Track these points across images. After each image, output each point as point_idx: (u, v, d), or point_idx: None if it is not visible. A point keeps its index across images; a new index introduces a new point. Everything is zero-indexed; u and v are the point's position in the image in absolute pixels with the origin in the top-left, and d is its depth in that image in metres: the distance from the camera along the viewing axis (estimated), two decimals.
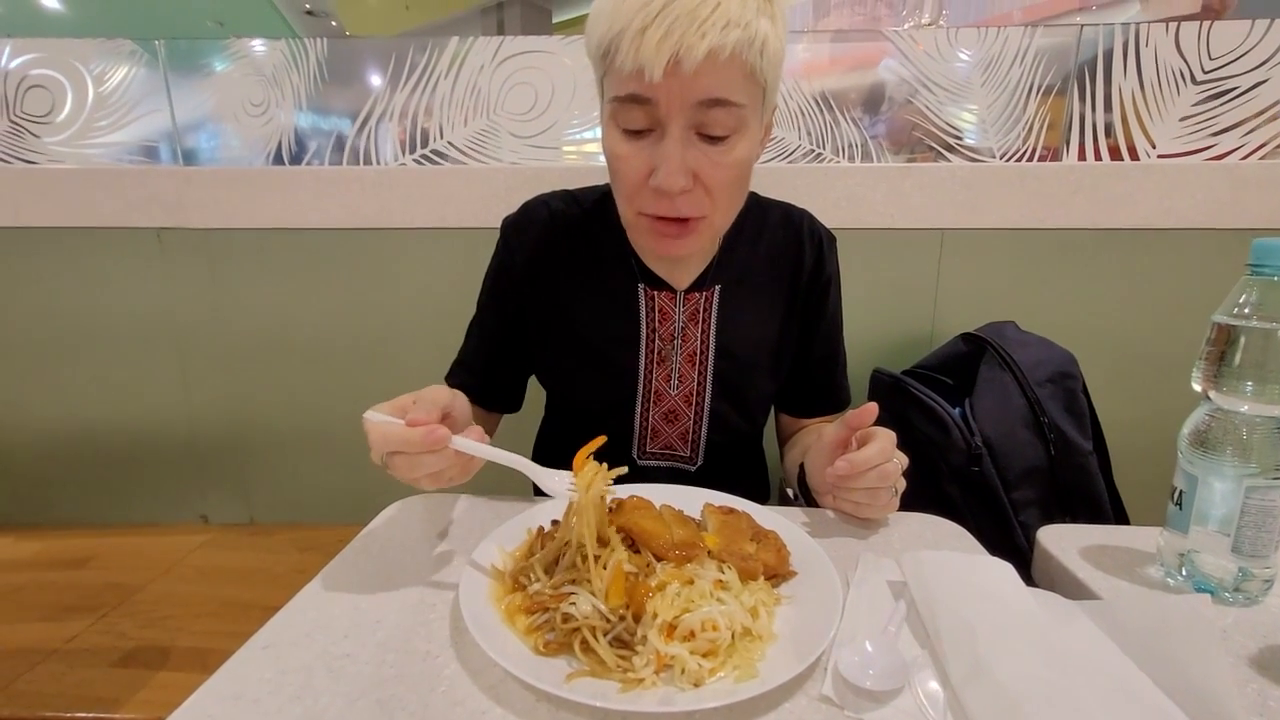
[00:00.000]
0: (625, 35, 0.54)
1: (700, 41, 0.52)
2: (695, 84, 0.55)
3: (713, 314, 0.77)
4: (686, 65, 0.53)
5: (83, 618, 0.99)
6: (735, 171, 0.62)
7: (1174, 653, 0.43)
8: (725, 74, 0.56)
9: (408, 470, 0.52)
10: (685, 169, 0.59)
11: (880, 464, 0.60)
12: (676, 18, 0.52)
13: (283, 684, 0.41)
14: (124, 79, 1.27)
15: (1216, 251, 1.20)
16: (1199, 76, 1.20)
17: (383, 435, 0.51)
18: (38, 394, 1.33)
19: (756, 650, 0.44)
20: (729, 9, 0.53)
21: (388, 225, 1.25)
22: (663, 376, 0.78)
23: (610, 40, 0.56)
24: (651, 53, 0.53)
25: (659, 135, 0.59)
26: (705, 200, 0.62)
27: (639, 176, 0.61)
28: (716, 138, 0.59)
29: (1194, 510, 0.53)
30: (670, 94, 0.56)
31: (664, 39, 0.52)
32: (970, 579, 0.50)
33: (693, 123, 0.58)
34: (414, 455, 0.51)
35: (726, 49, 0.54)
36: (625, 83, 0.57)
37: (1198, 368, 0.52)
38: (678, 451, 0.81)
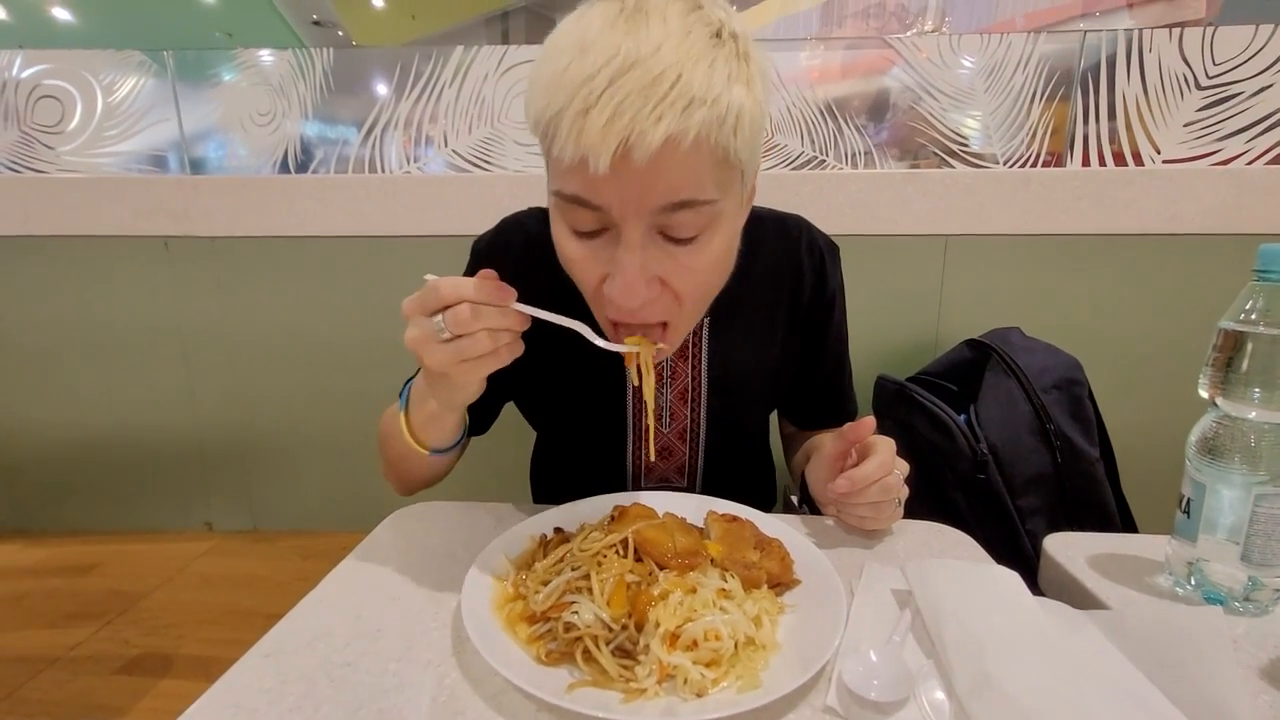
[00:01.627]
0: (564, 117, 0.43)
1: (655, 126, 0.42)
2: (652, 182, 0.45)
3: (703, 348, 0.71)
4: (639, 156, 0.42)
5: (87, 625, 0.99)
6: (709, 273, 0.53)
7: (1184, 663, 0.43)
8: (689, 166, 0.45)
9: (468, 321, 0.46)
10: (646, 279, 0.49)
11: (881, 478, 0.58)
12: (626, 96, 0.42)
13: (284, 693, 0.41)
14: (133, 89, 1.28)
15: (1223, 257, 1.19)
16: (1203, 82, 1.20)
17: (455, 283, 0.46)
18: (44, 401, 1.34)
19: (760, 660, 0.43)
20: (692, 82, 0.42)
21: (393, 233, 1.25)
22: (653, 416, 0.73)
23: (547, 121, 0.45)
24: (595, 140, 0.42)
25: (614, 236, 0.49)
26: (674, 306, 0.53)
27: (593, 281, 0.52)
28: (684, 240, 0.49)
29: (1202, 518, 0.52)
30: (623, 196, 0.45)
31: (610, 122, 0.41)
32: (976, 588, 0.50)
33: (653, 225, 0.48)
34: (477, 307, 0.46)
35: (689, 134, 0.43)
36: (568, 178, 0.47)
37: (1204, 374, 0.52)
38: (675, 483, 0.78)
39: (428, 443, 0.61)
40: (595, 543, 0.51)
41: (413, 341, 0.48)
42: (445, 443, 0.63)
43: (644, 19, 0.44)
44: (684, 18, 0.45)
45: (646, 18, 0.44)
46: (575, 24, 0.46)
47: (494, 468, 1.07)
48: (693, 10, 0.46)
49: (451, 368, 0.48)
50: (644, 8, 0.45)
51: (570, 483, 0.69)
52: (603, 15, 0.45)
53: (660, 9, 0.45)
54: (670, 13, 0.45)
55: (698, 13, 0.46)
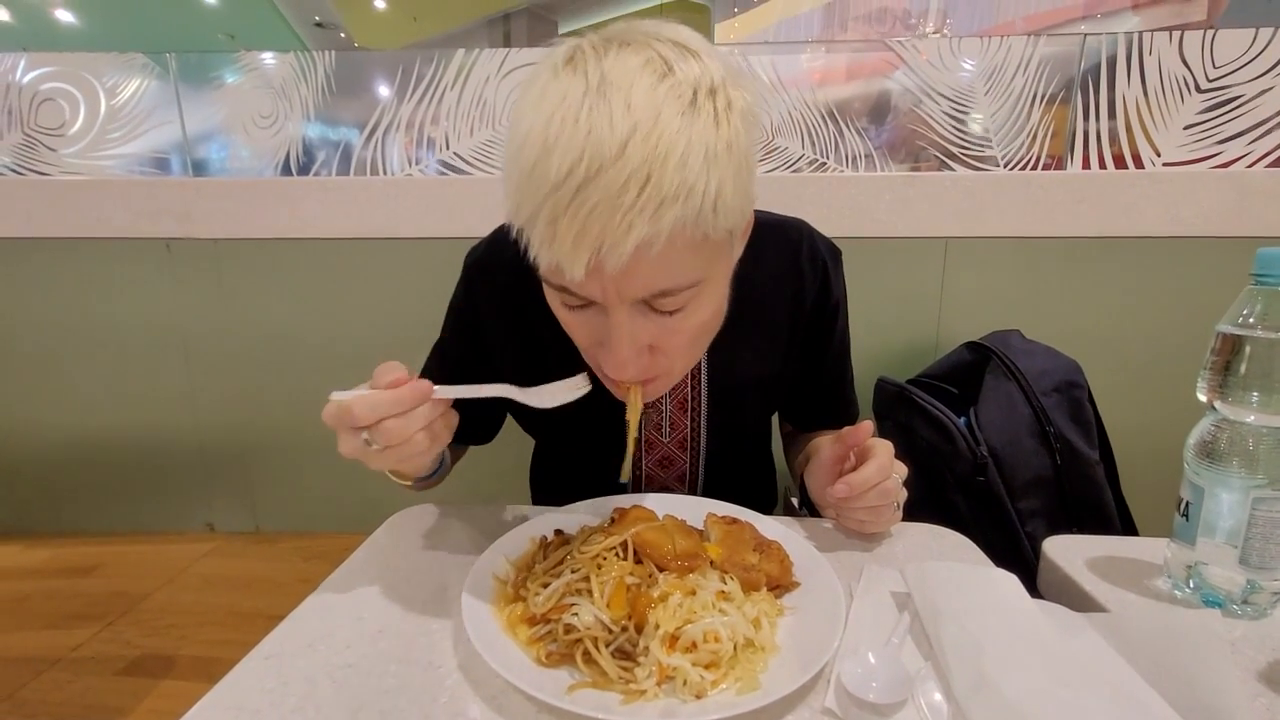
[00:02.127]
0: (535, 224, 0.42)
1: (626, 236, 0.40)
2: (628, 281, 0.44)
3: (703, 358, 0.70)
4: (612, 264, 0.41)
5: (89, 626, 0.99)
6: (698, 331, 0.53)
7: (1182, 667, 0.43)
8: (666, 261, 0.44)
9: (402, 429, 0.47)
10: (638, 349, 0.50)
11: (879, 482, 0.58)
12: (594, 207, 0.40)
13: (285, 695, 0.42)
14: (136, 92, 1.28)
15: (1223, 260, 1.19)
16: (1203, 85, 1.20)
17: (369, 404, 0.47)
18: (46, 402, 1.35)
19: (759, 662, 0.43)
20: (663, 182, 0.40)
21: (395, 235, 1.26)
22: (653, 426, 0.73)
23: (521, 223, 0.44)
24: (567, 253, 0.41)
25: (601, 309, 0.49)
26: (665, 362, 0.53)
27: (589, 342, 0.53)
28: (671, 311, 0.49)
29: (1201, 522, 0.52)
30: (604, 291, 0.46)
31: (580, 235, 0.40)
32: (975, 591, 0.50)
33: (639, 303, 0.48)
34: (407, 414, 0.47)
35: (661, 236, 0.41)
36: (549, 273, 0.47)
37: (1202, 378, 0.52)
38: (675, 491, 0.77)
39: (407, 476, 0.62)
40: (595, 545, 0.51)
41: (350, 453, 0.49)
42: (423, 474, 0.64)
43: (607, 106, 0.40)
44: (652, 93, 0.41)
45: (609, 104, 0.40)
46: (539, 106, 0.43)
47: (494, 470, 1.08)
48: (663, 79, 0.42)
49: (396, 465, 0.51)
50: (607, 88, 0.41)
51: (569, 488, 0.69)
52: (565, 99, 0.42)
53: (625, 86, 0.41)
54: (637, 91, 0.41)
55: (668, 80, 0.42)
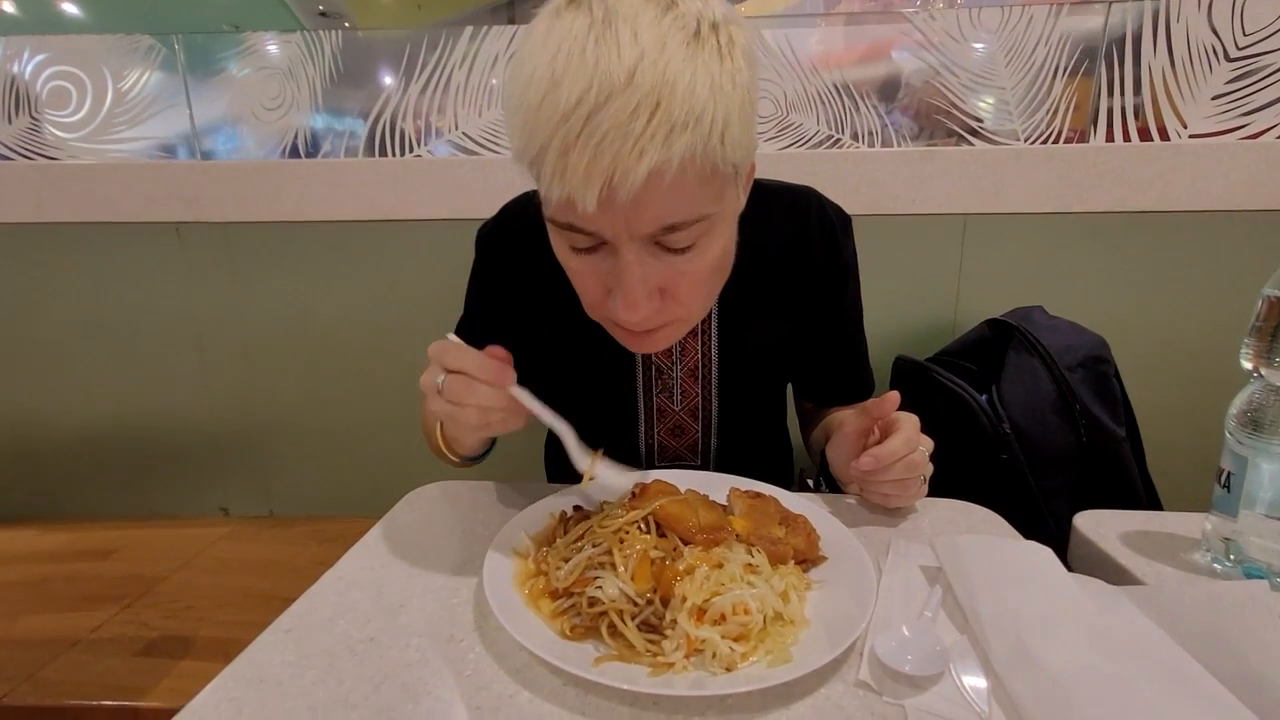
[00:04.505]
0: (546, 157, 0.42)
1: (638, 162, 0.40)
2: (640, 212, 0.45)
3: (713, 323, 0.70)
4: (623, 193, 0.41)
5: (107, 608, 0.99)
6: (709, 274, 0.53)
7: (1227, 638, 0.42)
8: (676, 191, 0.44)
9: (462, 394, 0.49)
10: (648, 291, 0.49)
11: (905, 455, 0.57)
12: (605, 134, 0.40)
13: (306, 667, 0.41)
14: (142, 75, 1.27)
15: (1250, 233, 1.16)
16: (1232, 53, 1.16)
17: (457, 352, 0.50)
18: (60, 389, 1.35)
19: (789, 635, 0.42)
20: (673, 107, 0.40)
21: (404, 217, 1.24)
22: (663, 393, 0.73)
23: (530, 158, 0.44)
24: (579, 182, 0.41)
25: (610, 250, 0.49)
26: (676, 308, 0.53)
27: (597, 293, 0.53)
28: (682, 250, 0.49)
29: (1243, 493, 0.50)
30: (614, 225, 0.46)
31: (592, 164, 0.41)
32: (1010, 563, 0.49)
33: (649, 240, 0.48)
34: (473, 382, 0.50)
35: (673, 163, 0.41)
36: (558, 209, 0.47)
37: (1247, 345, 0.50)
38: (687, 461, 0.77)
39: (459, 451, 0.65)
40: (617, 519, 0.50)
41: (423, 384, 0.53)
42: (470, 453, 0.66)
43: (614, 36, 0.41)
44: (657, 25, 0.42)
45: (616, 34, 0.41)
46: (544, 43, 0.43)
47: (508, 450, 1.07)
48: (666, 12, 0.42)
49: (445, 420, 0.53)
50: (613, 19, 0.42)
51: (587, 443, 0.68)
52: (571, 33, 0.42)
53: (630, 18, 0.42)
54: (642, 22, 0.41)
55: (672, 13, 0.42)
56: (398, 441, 1.33)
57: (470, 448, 0.65)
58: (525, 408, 0.53)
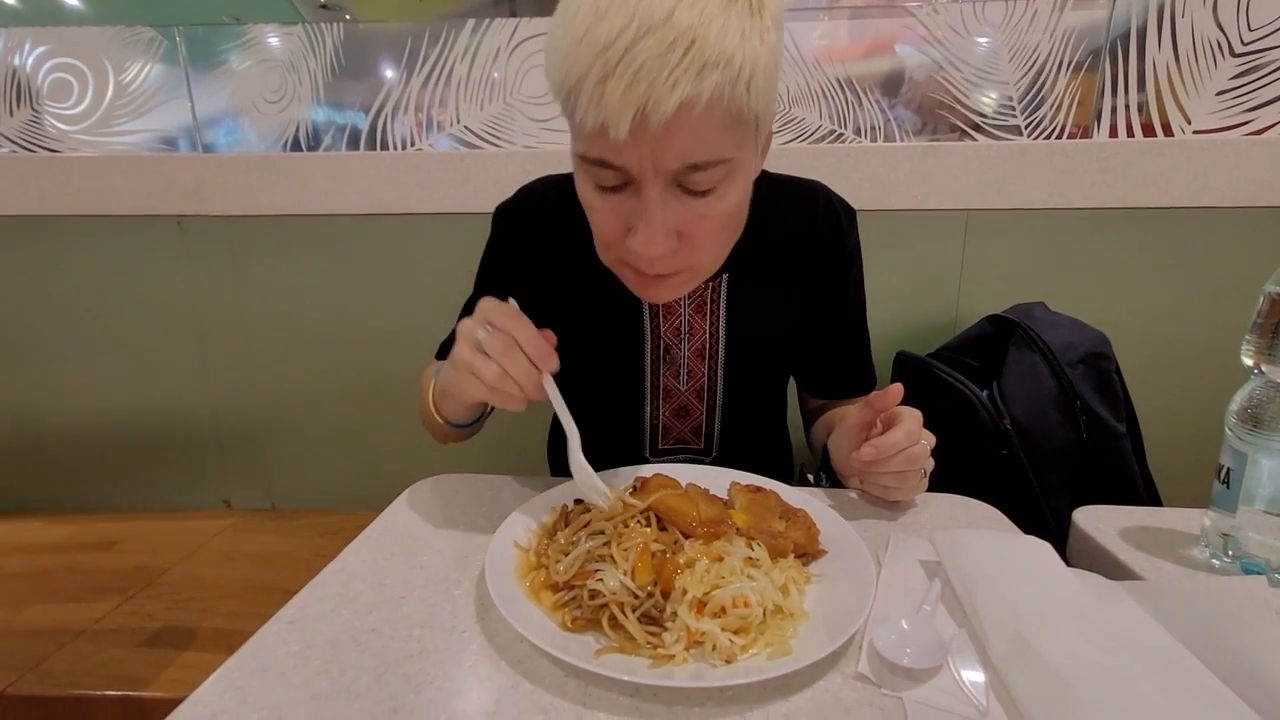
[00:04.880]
0: (584, 86, 0.45)
1: (670, 93, 0.43)
2: (668, 145, 0.47)
3: (721, 305, 0.72)
4: (655, 121, 0.44)
5: (110, 599, 1.00)
6: (725, 219, 0.55)
7: (1226, 634, 0.42)
8: (704, 129, 0.47)
9: (500, 352, 0.51)
10: (667, 231, 0.52)
11: (907, 447, 0.58)
12: (642, 64, 0.43)
13: (309, 657, 0.41)
14: (144, 67, 1.27)
15: (1254, 230, 1.16)
16: (1238, 48, 1.16)
17: (514, 318, 0.52)
18: (63, 382, 1.35)
19: (789, 628, 0.43)
20: (706, 46, 0.44)
21: (405, 210, 1.24)
22: (670, 372, 0.74)
23: (568, 88, 0.47)
24: (614, 109, 0.44)
25: (635, 190, 0.51)
26: (691, 254, 0.55)
27: (616, 231, 0.55)
28: (703, 192, 0.52)
29: (1242, 489, 0.51)
30: (641, 158, 0.48)
31: (628, 91, 0.43)
32: (1009, 558, 0.49)
33: (672, 181, 0.50)
34: (515, 349, 0.51)
35: (703, 98, 0.44)
36: (590, 142, 0.49)
37: (1248, 341, 0.50)
38: (691, 445, 0.79)
39: (443, 412, 0.66)
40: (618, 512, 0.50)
41: (462, 328, 0.54)
42: (458, 419, 0.67)
43: None
44: None
45: None
46: None
47: (510, 443, 1.07)
48: None
49: (464, 370, 0.53)
50: None
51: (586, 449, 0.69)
52: None
53: None
54: None
55: None
56: (399, 435, 1.33)
57: (456, 412, 0.65)
58: (534, 397, 0.53)
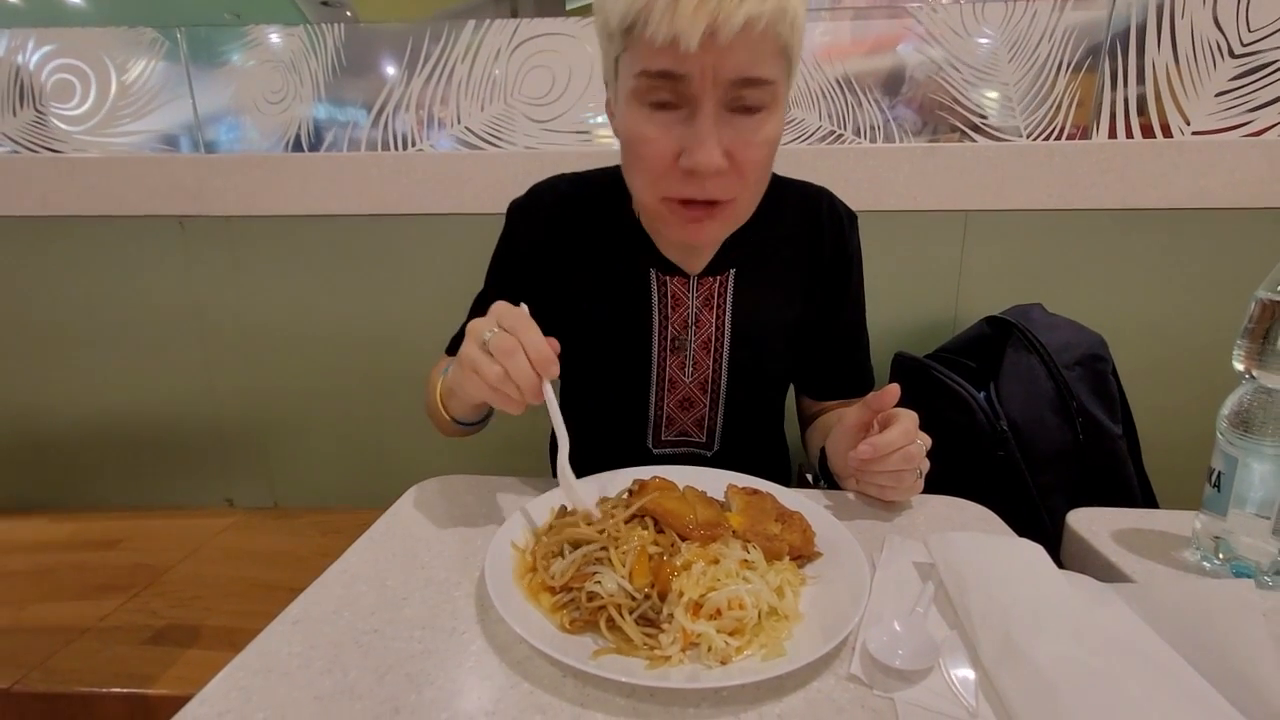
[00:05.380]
0: (656, 4, 0.51)
1: (738, 9, 0.50)
2: (730, 58, 0.53)
3: (728, 299, 0.75)
4: (723, 35, 0.51)
5: (115, 597, 1.01)
6: (767, 150, 0.60)
7: (1213, 637, 0.42)
8: (759, 48, 0.54)
9: (504, 353, 0.52)
10: (720, 147, 0.56)
11: (903, 446, 0.59)
12: None
13: (313, 658, 0.42)
14: (146, 68, 1.27)
15: (1252, 232, 1.16)
16: (1237, 50, 1.16)
17: (522, 321, 0.53)
18: (67, 381, 1.36)
19: (783, 629, 0.43)
20: None
21: (406, 211, 1.25)
22: (676, 364, 0.76)
23: (636, 12, 0.53)
24: (687, 21, 0.50)
25: (689, 113, 0.56)
26: (736, 182, 0.60)
27: (667, 158, 0.58)
28: (750, 110, 0.57)
29: (1233, 492, 0.51)
30: (704, 68, 0.53)
31: (700, 6, 0.50)
32: (1001, 560, 0.49)
33: (725, 100, 0.56)
34: (519, 351, 0.52)
35: (762, 19, 0.51)
36: (656, 56, 0.54)
37: (1239, 347, 0.51)
38: (693, 438, 0.80)
39: (449, 409, 0.68)
40: (616, 514, 0.51)
41: (472, 326, 0.55)
42: (463, 417, 0.69)
43: None
44: None
45: None
46: None
47: (512, 444, 1.08)
48: None
49: (468, 368, 0.54)
50: None
51: (591, 440, 0.70)
52: None
53: None
54: None
55: None
56: (400, 434, 1.34)
57: (462, 411, 0.67)
58: (531, 400, 0.54)
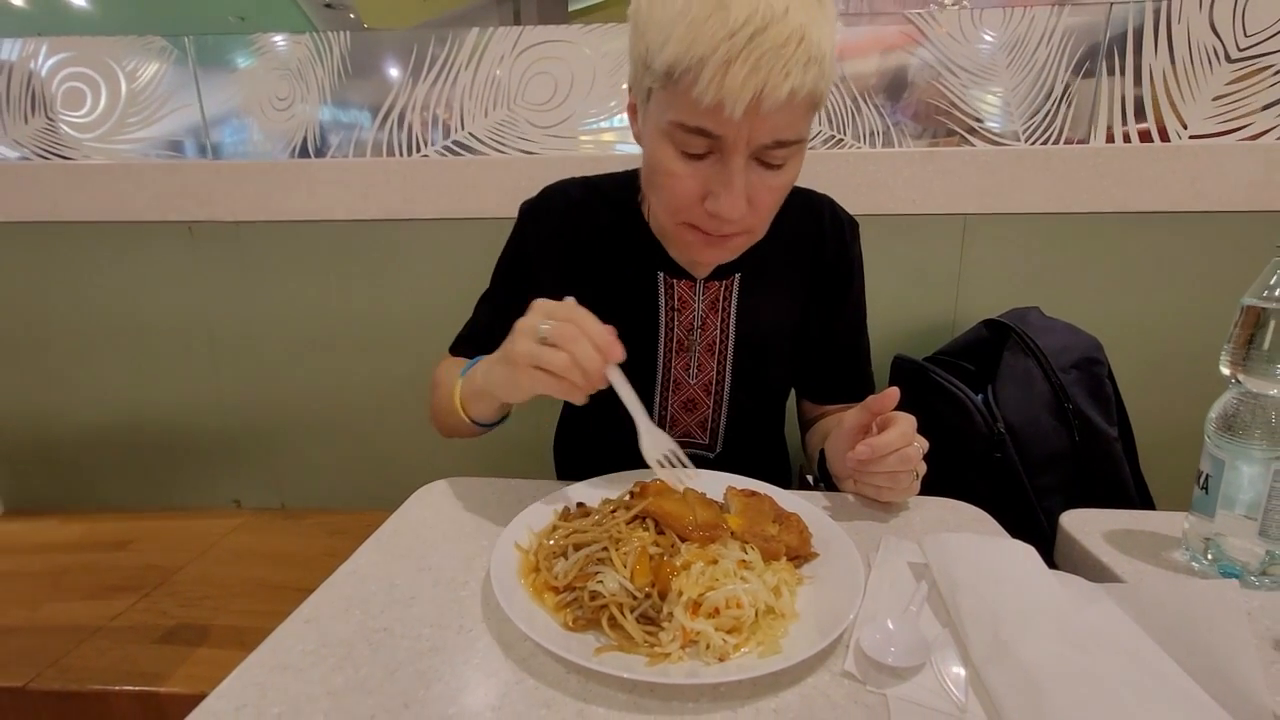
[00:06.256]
0: (707, 65, 0.50)
1: (784, 81, 0.50)
2: (768, 123, 0.53)
3: (733, 303, 0.76)
4: (767, 105, 0.51)
5: (126, 597, 1.03)
6: (783, 193, 0.62)
7: (1199, 636, 0.44)
8: (797, 113, 0.54)
9: (568, 339, 0.52)
10: (745, 195, 0.58)
11: (901, 448, 0.60)
12: (764, 54, 0.49)
13: (325, 655, 0.43)
14: (155, 76, 1.29)
15: (1249, 235, 1.17)
16: (1233, 54, 1.17)
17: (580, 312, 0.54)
18: (78, 385, 1.38)
19: (780, 627, 0.45)
20: (810, 44, 0.51)
21: (411, 216, 1.27)
22: (681, 366, 0.78)
23: (685, 66, 0.52)
24: (735, 90, 0.50)
25: (717, 160, 0.57)
26: (752, 217, 0.61)
27: (693, 196, 0.60)
28: (777, 165, 0.59)
29: (1220, 494, 0.52)
30: (740, 132, 0.54)
31: (750, 76, 0.50)
32: (992, 561, 0.51)
33: (755, 154, 0.57)
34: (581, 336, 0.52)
35: (805, 89, 0.51)
36: (696, 114, 0.54)
37: (1226, 351, 0.52)
38: (696, 439, 0.82)
39: (470, 411, 0.67)
40: (615, 517, 0.52)
41: (522, 324, 0.55)
42: (484, 419, 0.69)
43: None
44: None
45: None
46: None
47: (518, 446, 1.09)
48: None
49: (523, 363, 0.53)
50: None
51: (595, 441, 0.71)
52: None
53: None
54: None
55: None
56: (406, 435, 1.35)
57: (486, 413, 0.67)
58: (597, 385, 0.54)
